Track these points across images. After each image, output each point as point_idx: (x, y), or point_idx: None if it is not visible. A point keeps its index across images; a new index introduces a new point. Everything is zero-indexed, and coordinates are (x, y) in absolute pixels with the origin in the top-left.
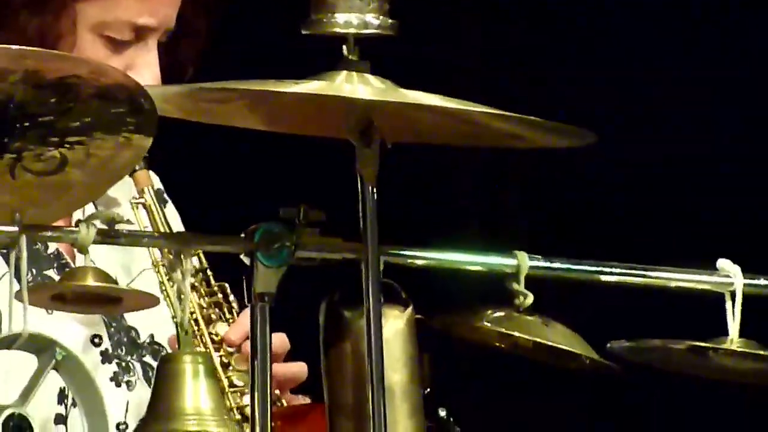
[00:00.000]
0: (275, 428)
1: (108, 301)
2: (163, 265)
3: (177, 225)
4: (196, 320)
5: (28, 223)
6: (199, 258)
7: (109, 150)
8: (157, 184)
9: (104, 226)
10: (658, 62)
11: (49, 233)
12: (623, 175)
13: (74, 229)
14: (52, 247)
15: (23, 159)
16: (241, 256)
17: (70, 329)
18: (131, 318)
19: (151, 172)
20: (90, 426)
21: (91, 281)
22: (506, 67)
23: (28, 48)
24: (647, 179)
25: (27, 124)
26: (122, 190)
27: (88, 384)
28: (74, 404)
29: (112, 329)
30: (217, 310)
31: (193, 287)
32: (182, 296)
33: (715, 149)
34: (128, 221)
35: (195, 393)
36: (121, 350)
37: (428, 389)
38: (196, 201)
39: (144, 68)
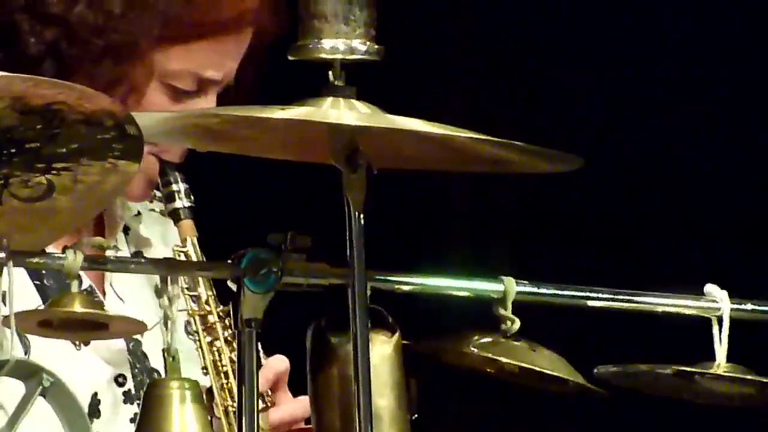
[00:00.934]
0: None
1: (95, 327)
2: (200, 315)
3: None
4: (226, 373)
5: (15, 248)
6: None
7: (96, 175)
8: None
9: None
10: (643, 82)
11: (36, 259)
12: (610, 198)
13: (61, 255)
14: (86, 283)
15: (10, 185)
16: (228, 282)
17: (96, 367)
18: (155, 360)
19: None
20: None
21: (77, 307)
22: (493, 90)
23: (13, 75)
24: (634, 201)
25: (13, 150)
26: (157, 234)
27: (75, 411)
28: None
29: (136, 370)
30: None
31: (226, 341)
32: (169, 322)
33: (702, 170)
34: (116, 247)
35: (181, 419)
36: (143, 392)
37: (416, 414)
38: None
39: None
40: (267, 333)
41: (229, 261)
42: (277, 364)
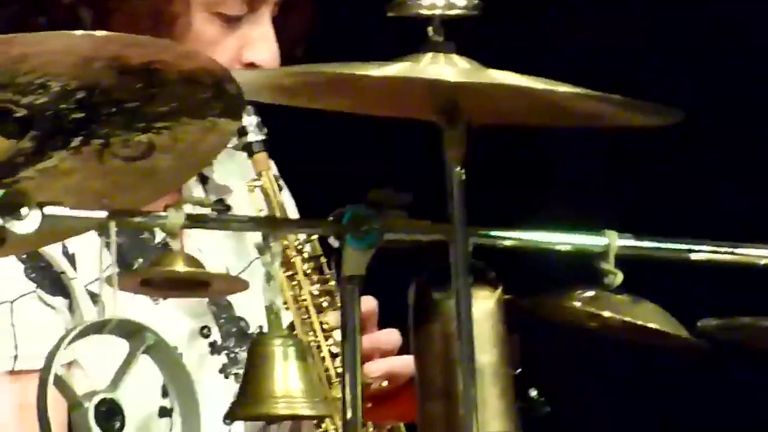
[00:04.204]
0: (366, 410)
1: (196, 286)
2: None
3: (292, 210)
4: (306, 308)
5: (116, 208)
6: (313, 245)
7: (196, 135)
8: (274, 169)
9: (193, 211)
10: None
11: (138, 218)
12: (709, 150)
13: (163, 214)
14: (160, 236)
15: (110, 145)
16: (330, 239)
17: (177, 321)
18: (241, 309)
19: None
20: (182, 410)
21: (179, 266)
22: (589, 44)
23: (112, 34)
24: (735, 153)
25: (113, 110)
26: (235, 174)
27: (178, 368)
28: None
29: (222, 320)
30: (328, 298)
31: (305, 274)
32: (271, 280)
33: None
34: (221, 206)
35: (285, 376)
36: (230, 342)
37: (518, 370)
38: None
39: (261, 43)
40: (369, 290)
41: (331, 218)
42: (365, 303)
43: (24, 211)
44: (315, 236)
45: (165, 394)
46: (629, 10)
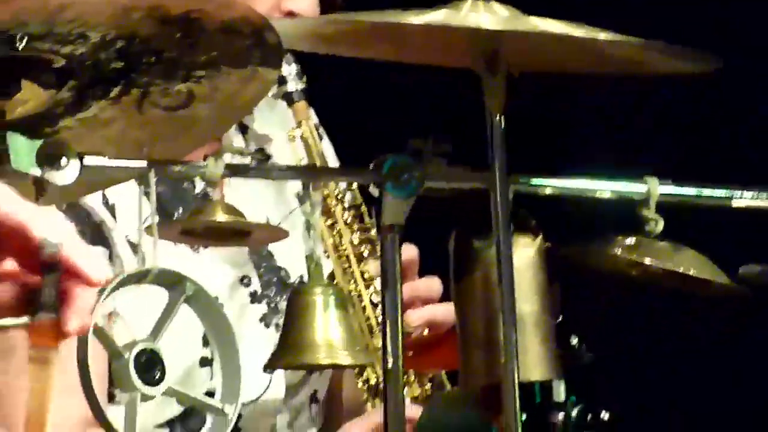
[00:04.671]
0: (407, 358)
1: (237, 235)
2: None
3: (332, 159)
4: (347, 256)
5: (156, 158)
6: (354, 194)
7: (235, 84)
8: (314, 118)
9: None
10: None
11: (178, 168)
12: (751, 98)
13: (202, 163)
14: (200, 186)
15: (150, 94)
16: (370, 188)
17: (218, 270)
18: (281, 258)
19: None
20: (222, 360)
21: (219, 215)
22: None
23: None
24: None
25: (153, 59)
26: (275, 123)
27: (219, 319)
28: None
29: (262, 270)
30: (369, 246)
31: (345, 223)
32: (312, 229)
33: None
34: (261, 155)
35: (325, 325)
36: (271, 291)
37: (560, 318)
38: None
39: None
40: (409, 238)
41: (371, 167)
42: (405, 252)
43: (63, 161)
44: (355, 185)
45: (205, 343)
46: None
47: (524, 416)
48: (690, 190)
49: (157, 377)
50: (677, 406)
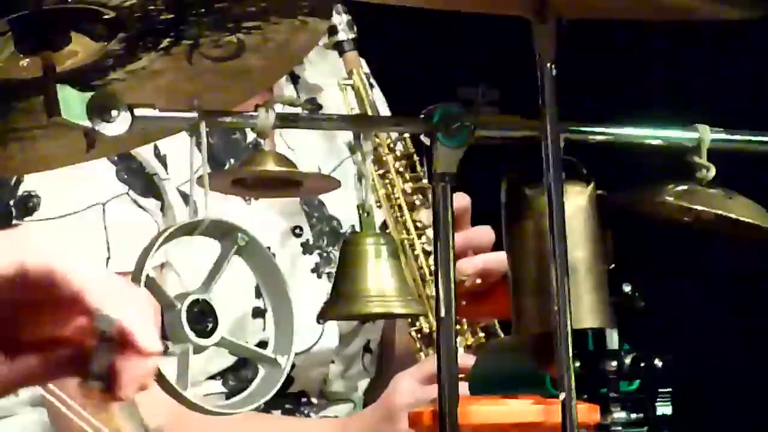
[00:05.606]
0: (460, 307)
1: (288, 185)
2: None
3: (383, 109)
4: (399, 206)
5: (206, 109)
6: (405, 142)
7: (285, 34)
8: (365, 67)
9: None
10: None
11: (228, 118)
12: None
13: (253, 113)
14: (251, 136)
15: (200, 45)
16: (421, 137)
17: (269, 221)
18: (333, 208)
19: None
20: (275, 311)
21: (270, 165)
22: None
23: None
24: None
25: (203, 10)
26: (326, 73)
27: (272, 269)
28: None
29: (314, 220)
30: (420, 196)
31: (397, 172)
32: (363, 178)
33: None
34: (312, 105)
35: (377, 274)
36: (323, 241)
37: (612, 265)
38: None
39: None
40: (461, 187)
41: (422, 116)
42: (458, 200)
43: (114, 113)
44: (407, 134)
45: (258, 294)
46: None
47: (577, 364)
48: (741, 137)
49: (209, 328)
50: (731, 351)
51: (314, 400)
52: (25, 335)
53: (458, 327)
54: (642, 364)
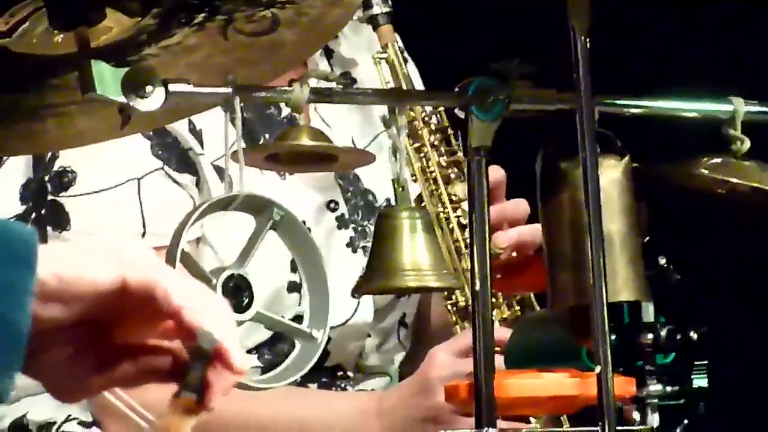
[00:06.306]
0: (495, 280)
1: (323, 160)
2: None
3: (418, 82)
4: (434, 179)
5: (240, 83)
6: (440, 116)
7: (320, 8)
8: (399, 41)
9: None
10: None
11: (263, 93)
12: None
13: (288, 88)
14: (285, 111)
15: (235, 20)
16: (456, 111)
17: (304, 195)
18: (368, 182)
19: None
20: (310, 285)
21: (305, 140)
22: None
23: None
24: None
25: None
26: (361, 47)
27: (307, 244)
28: None
29: (349, 194)
30: (455, 169)
31: (432, 146)
32: (398, 152)
33: None
34: (346, 79)
35: (413, 248)
36: (358, 215)
37: (647, 238)
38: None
39: None
40: (496, 160)
41: (456, 90)
42: (493, 174)
43: (149, 88)
44: (441, 108)
45: (293, 269)
46: None
47: (613, 337)
48: None
49: (245, 303)
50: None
51: (350, 374)
52: (121, 341)
53: (493, 300)
54: (678, 337)
